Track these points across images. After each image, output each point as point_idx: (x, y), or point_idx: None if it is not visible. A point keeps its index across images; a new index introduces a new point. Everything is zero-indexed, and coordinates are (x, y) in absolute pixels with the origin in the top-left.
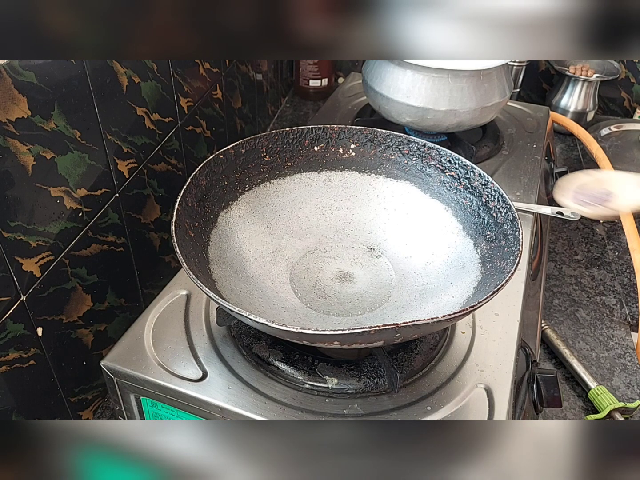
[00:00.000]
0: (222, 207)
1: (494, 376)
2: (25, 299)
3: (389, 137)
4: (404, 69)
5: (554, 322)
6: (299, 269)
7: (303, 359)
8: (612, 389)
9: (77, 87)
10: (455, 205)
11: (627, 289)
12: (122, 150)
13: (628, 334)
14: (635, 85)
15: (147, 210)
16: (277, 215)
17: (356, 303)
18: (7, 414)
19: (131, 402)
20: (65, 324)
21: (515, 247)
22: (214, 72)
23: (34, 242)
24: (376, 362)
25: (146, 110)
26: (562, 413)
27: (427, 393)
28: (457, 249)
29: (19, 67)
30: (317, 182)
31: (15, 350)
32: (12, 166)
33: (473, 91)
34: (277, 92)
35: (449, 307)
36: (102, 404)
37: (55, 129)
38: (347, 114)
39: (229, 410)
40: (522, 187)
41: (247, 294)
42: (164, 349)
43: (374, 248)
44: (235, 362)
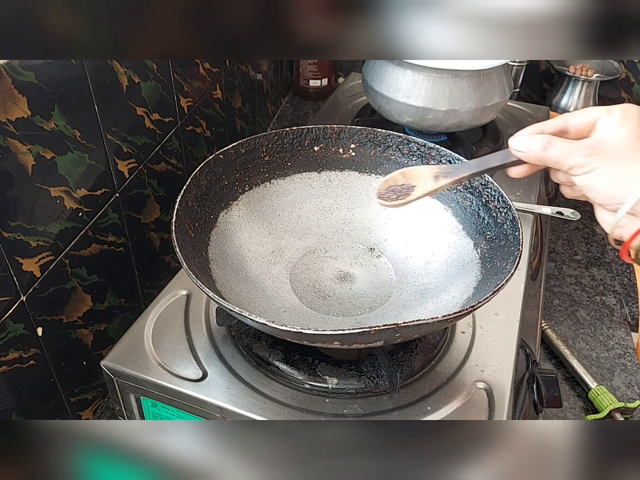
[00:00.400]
0: (222, 207)
1: (494, 376)
2: (25, 299)
3: (389, 137)
4: (404, 69)
5: (554, 322)
6: (299, 269)
7: (303, 359)
8: (612, 389)
9: (77, 87)
10: (455, 205)
11: (627, 289)
12: (122, 150)
13: (628, 334)
14: (635, 85)
15: (147, 210)
16: (277, 215)
17: (356, 303)
18: (7, 414)
19: (131, 402)
20: (65, 324)
21: (515, 247)
22: (214, 72)
23: (34, 242)
24: (376, 362)
25: (146, 110)
26: (562, 413)
27: (427, 393)
28: (457, 249)
29: (19, 67)
30: (317, 182)
31: (15, 350)
32: (12, 166)
33: (473, 91)
34: (277, 92)
35: (449, 307)
36: (102, 404)
37: (55, 129)
38: (347, 114)
39: (229, 410)
40: (522, 187)
41: (247, 294)
42: (164, 349)
43: (374, 248)
44: (235, 362)
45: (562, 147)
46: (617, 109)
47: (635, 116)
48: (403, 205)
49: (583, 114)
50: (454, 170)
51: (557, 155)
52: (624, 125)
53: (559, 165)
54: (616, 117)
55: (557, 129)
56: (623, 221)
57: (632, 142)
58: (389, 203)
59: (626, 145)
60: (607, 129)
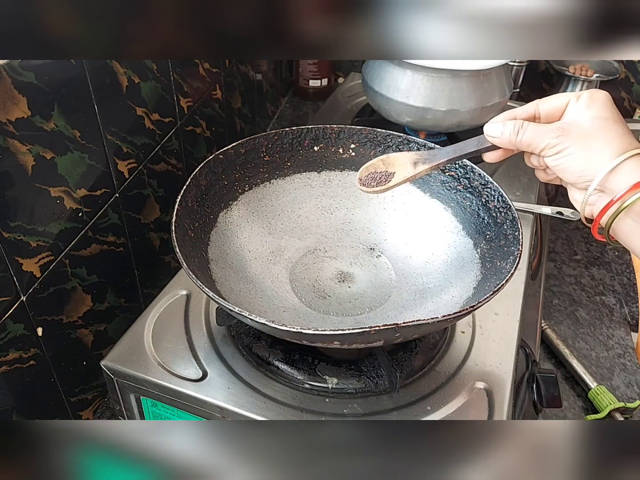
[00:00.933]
0: (222, 207)
1: (494, 376)
2: (25, 299)
3: (388, 137)
4: (404, 69)
5: (553, 321)
6: (299, 268)
7: (303, 359)
8: (612, 388)
9: (77, 87)
10: (455, 205)
11: (627, 289)
12: (122, 150)
13: (628, 334)
14: (635, 85)
15: (147, 210)
16: (277, 215)
17: (356, 303)
18: (7, 414)
19: (131, 402)
20: (65, 324)
21: (515, 247)
22: (214, 72)
23: (34, 242)
24: (376, 362)
25: (146, 110)
26: (562, 413)
27: (427, 393)
28: (457, 248)
29: (19, 67)
30: (317, 182)
31: (15, 350)
32: (12, 166)
33: (473, 91)
34: (277, 92)
35: (449, 307)
36: (102, 404)
37: (55, 129)
38: (347, 114)
39: (229, 410)
40: (522, 187)
41: (247, 293)
42: (164, 349)
43: (374, 248)
44: (235, 362)
45: (533, 131)
46: (585, 93)
47: (600, 100)
48: (382, 192)
49: (553, 99)
50: (431, 156)
51: (529, 139)
52: (591, 108)
53: (531, 148)
54: (584, 101)
55: (529, 115)
56: (592, 198)
57: (599, 122)
58: (369, 189)
59: (593, 126)
60: (576, 112)
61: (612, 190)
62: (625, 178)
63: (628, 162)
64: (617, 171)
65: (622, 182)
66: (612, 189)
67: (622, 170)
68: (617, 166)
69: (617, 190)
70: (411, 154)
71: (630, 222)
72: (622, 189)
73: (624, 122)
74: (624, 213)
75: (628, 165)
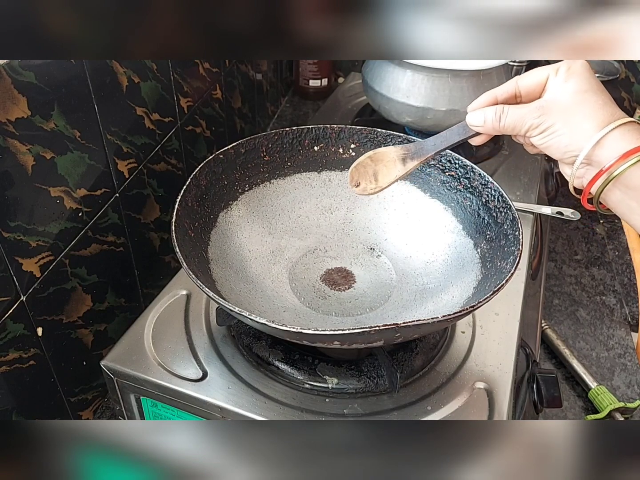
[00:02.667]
0: (222, 207)
1: (494, 376)
2: (25, 299)
3: (389, 137)
4: (404, 69)
5: (554, 322)
6: (299, 268)
7: (303, 359)
8: (612, 388)
9: (77, 87)
10: (455, 205)
11: (627, 289)
12: (122, 150)
13: (628, 334)
14: (635, 85)
15: (147, 210)
16: (277, 215)
17: (356, 303)
18: (7, 414)
19: (131, 402)
20: (65, 324)
21: (515, 247)
22: (214, 72)
23: (34, 242)
24: (376, 362)
25: (146, 110)
26: (562, 413)
27: (427, 393)
28: (457, 248)
29: (19, 67)
30: (317, 182)
31: (15, 350)
32: (12, 166)
33: (473, 91)
34: (277, 91)
35: (449, 307)
36: (102, 404)
37: (55, 129)
38: (347, 113)
39: (229, 410)
40: (522, 187)
41: (247, 293)
42: (164, 349)
43: (374, 248)
44: (235, 362)
45: (515, 114)
46: (563, 66)
47: (578, 71)
48: (375, 193)
49: (532, 74)
50: (419, 150)
51: (511, 123)
52: (569, 82)
53: (515, 131)
54: (562, 75)
55: (509, 94)
56: (581, 171)
57: (578, 96)
58: (363, 193)
59: (573, 100)
60: (555, 88)
61: (598, 163)
62: (611, 150)
63: (611, 134)
64: (601, 144)
65: (608, 154)
66: (598, 161)
67: (606, 142)
68: (602, 139)
69: (603, 162)
70: (398, 148)
71: (618, 193)
72: (608, 161)
73: (604, 91)
74: (612, 184)
75: (612, 136)
